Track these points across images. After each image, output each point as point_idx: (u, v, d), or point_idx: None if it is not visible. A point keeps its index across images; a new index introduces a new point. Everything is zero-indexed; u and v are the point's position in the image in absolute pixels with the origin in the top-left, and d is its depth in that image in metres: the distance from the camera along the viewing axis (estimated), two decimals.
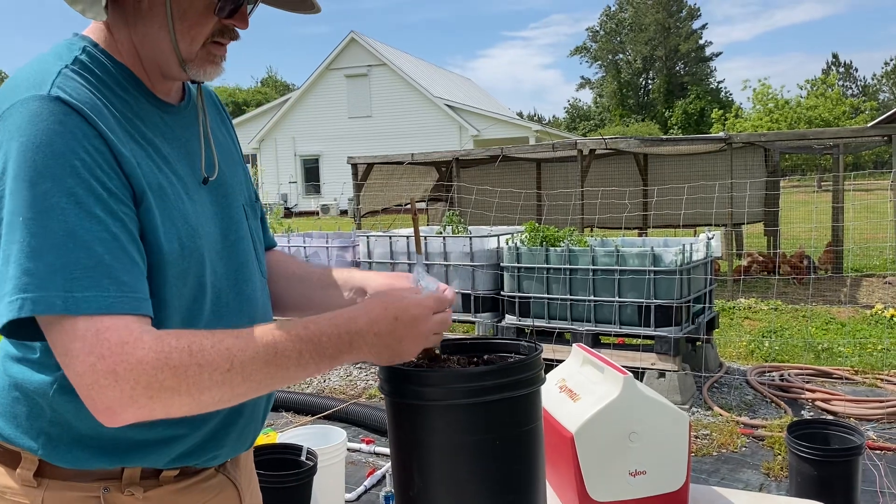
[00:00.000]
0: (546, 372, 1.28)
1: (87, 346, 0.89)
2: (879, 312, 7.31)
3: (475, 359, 1.25)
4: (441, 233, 5.89)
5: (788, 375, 5.26)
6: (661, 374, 4.72)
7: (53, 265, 0.90)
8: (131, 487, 1.06)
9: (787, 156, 15.74)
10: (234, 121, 33.44)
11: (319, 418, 4.57)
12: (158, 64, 1.08)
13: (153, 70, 1.09)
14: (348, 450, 3.75)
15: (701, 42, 62.72)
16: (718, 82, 63.99)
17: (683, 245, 4.80)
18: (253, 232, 1.24)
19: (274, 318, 1.21)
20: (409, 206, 1.30)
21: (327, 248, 6.31)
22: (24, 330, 0.94)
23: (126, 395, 0.90)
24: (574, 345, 1.76)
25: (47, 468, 1.05)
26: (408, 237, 5.86)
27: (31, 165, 0.91)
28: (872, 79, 68.52)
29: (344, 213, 24.43)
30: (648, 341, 4.82)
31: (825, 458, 3.04)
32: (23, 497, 1.05)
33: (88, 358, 0.89)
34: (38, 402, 1.05)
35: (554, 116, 78.60)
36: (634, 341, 5.04)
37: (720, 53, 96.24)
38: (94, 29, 1.08)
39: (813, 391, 4.89)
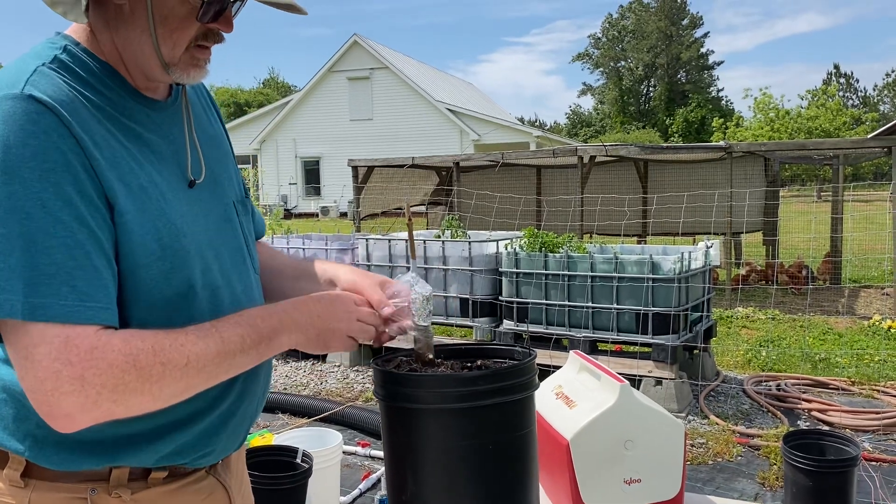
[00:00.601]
0: (543, 378, 1.28)
1: (53, 352, 0.89)
2: (877, 323, 7.31)
3: (469, 364, 1.25)
4: (440, 237, 5.89)
5: (785, 385, 5.26)
6: (658, 381, 4.71)
7: (14, 269, 0.89)
8: (119, 489, 1.06)
9: (786, 166, 15.76)
10: (236, 121, 33.54)
11: (315, 421, 4.56)
12: (141, 66, 1.06)
13: (136, 70, 1.08)
14: (344, 453, 3.74)
15: (703, 51, 62.87)
16: (719, 91, 64.03)
17: (682, 253, 4.80)
18: (244, 228, 1.24)
19: None
20: (406, 212, 1.28)
21: (326, 250, 6.32)
22: None
23: (90, 400, 0.90)
24: (571, 351, 1.76)
25: (34, 469, 1.04)
26: (406, 241, 5.86)
27: (1, 167, 0.90)
28: (873, 90, 68.65)
29: (343, 215, 24.43)
30: (646, 349, 4.82)
31: (820, 468, 3.04)
32: (9, 498, 1.04)
33: (53, 364, 0.89)
34: (25, 405, 1.03)
35: (555, 122, 78.74)
36: (632, 348, 5.04)
37: (722, 62, 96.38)
38: (76, 29, 1.07)
39: (809, 401, 4.89)
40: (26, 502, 1.03)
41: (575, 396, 1.58)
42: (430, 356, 1.22)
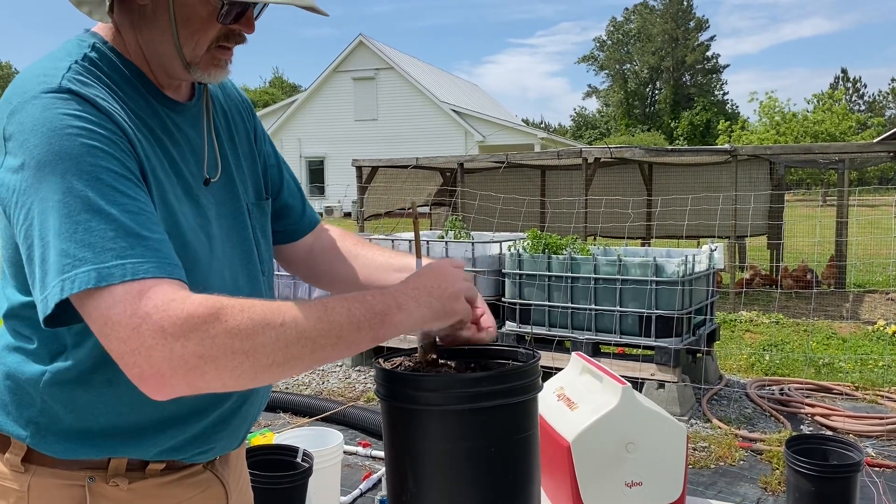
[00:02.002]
0: (545, 380, 1.27)
1: (129, 308, 0.86)
2: (881, 329, 7.29)
3: (472, 364, 1.24)
4: (443, 237, 5.89)
5: (788, 390, 5.24)
6: (661, 384, 4.70)
7: (82, 242, 0.88)
8: (116, 478, 1.07)
9: (792, 169, 15.73)
10: None
11: (317, 420, 4.56)
12: (164, 65, 1.08)
13: (159, 70, 1.09)
14: (345, 452, 3.74)
15: (708, 54, 62.78)
16: (724, 94, 63.88)
17: (686, 256, 4.79)
18: (257, 232, 1.24)
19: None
20: (412, 210, 1.29)
21: None
22: (69, 314, 0.91)
23: (177, 354, 0.84)
24: (573, 353, 1.76)
25: (35, 455, 1.06)
26: (410, 241, 5.85)
27: (50, 150, 0.91)
28: (879, 95, 68.45)
29: (347, 215, 24.44)
30: (648, 352, 4.81)
31: (823, 473, 3.02)
32: (11, 482, 1.06)
33: (132, 320, 0.85)
34: (29, 392, 1.06)
35: (560, 124, 78.71)
36: (634, 351, 5.03)
37: (728, 66, 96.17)
38: (103, 27, 1.08)
39: (812, 406, 4.87)
40: (26, 487, 1.05)
41: (577, 398, 1.57)
42: (433, 356, 1.21)
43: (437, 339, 1.19)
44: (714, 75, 63.63)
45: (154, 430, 1.07)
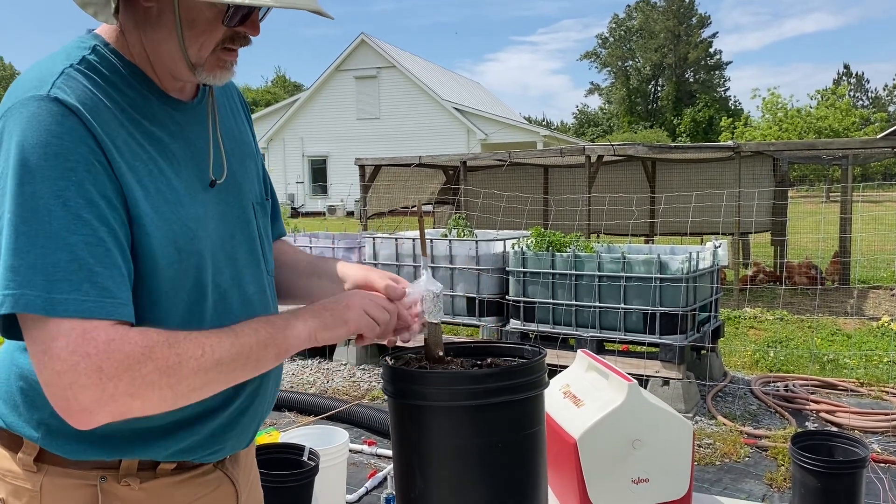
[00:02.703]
0: (550, 377, 1.27)
1: (70, 345, 0.90)
2: (886, 325, 7.27)
3: (478, 362, 1.25)
4: (447, 236, 5.89)
5: (793, 386, 5.24)
6: (666, 381, 4.70)
7: (35, 265, 0.91)
8: (128, 478, 1.08)
9: (795, 166, 15.69)
10: None
11: (322, 419, 4.57)
12: (168, 67, 1.08)
13: (164, 71, 1.10)
14: (350, 451, 3.75)
15: (711, 50, 62.64)
16: (727, 91, 63.77)
17: (690, 253, 4.79)
18: (261, 231, 1.25)
19: None
20: (415, 209, 1.29)
21: (333, 248, 6.33)
22: (15, 326, 0.95)
23: (107, 393, 0.91)
24: (579, 350, 1.76)
25: (47, 455, 1.07)
26: (413, 239, 5.85)
27: (25, 166, 0.93)
28: (883, 90, 68.24)
29: (350, 214, 24.45)
30: (653, 349, 4.81)
31: (829, 470, 3.02)
32: (24, 481, 1.07)
33: (71, 357, 0.90)
34: (40, 393, 1.05)
35: (562, 122, 78.57)
36: (639, 348, 5.02)
37: (730, 62, 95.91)
38: (106, 28, 1.09)
39: (818, 402, 4.86)
40: (39, 486, 1.06)
41: (583, 395, 1.58)
42: (440, 353, 1.22)
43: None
44: (716, 72, 63.50)
45: (164, 433, 1.09)
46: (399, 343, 1.18)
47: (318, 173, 31.91)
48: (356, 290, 1.19)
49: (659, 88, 64.86)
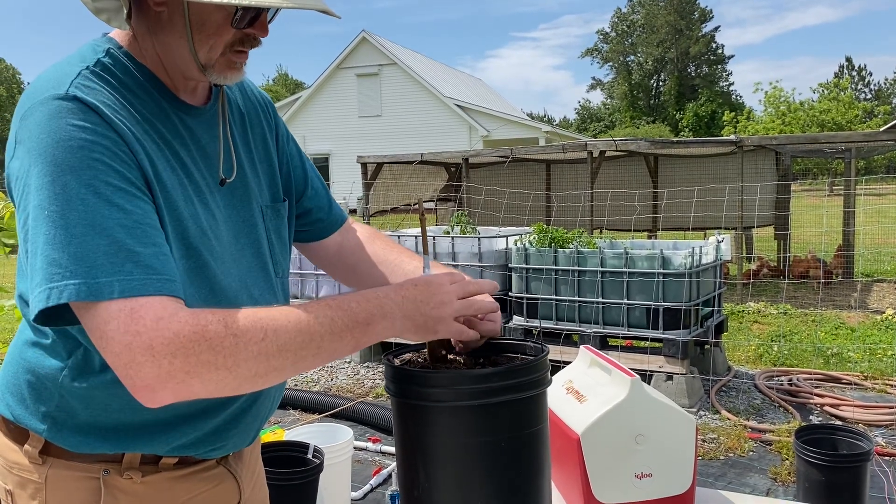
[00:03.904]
0: (553, 373, 1.28)
1: (122, 326, 0.90)
2: (890, 318, 7.26)
3: (481, 360, 1.25)
4: (449, 233, 5.89)
5: (797, 380, 5.24)
6: (669, 376, 4.70)
7: (77, 254, 0.92)
8: (130, 471, 1.10)
9: (798, 159, 15.66)
10: None
11: (326, 416, 4.58)
12: (180, 68, 1.10)
13: (176, 73, 1.11)
14: (355, 448, 3.76)
15: (713, 45, 62.49)
16: (729, 85, 63.60)
17: (693, 248, 4.78)
18: (271, 234, 1.25)
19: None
20: (418, 206, 1.30)
21: None
22: (60, 317, 0.96)
23: (164, 370, 0.90)
24: (581, 346, 1.76)
25: (52, 447, 1.09)
26: (416, 237, 5.86)
27: (52, 160, 0.94)
28: (885, 83, 68.00)
29: (353, 212, 24.41)
30: (656, 344, 4.81)
31: (833, 463, 3.02)
32: (30, 473, 1.10)
33: (124, 337, 0.90)
34: (47, 387, 1.09)
35: (564, 118, 78.40)
36: (642, 344, 5.03)
37: (732, 56, 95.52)
38: (120, 32, 1.11)
39: (822, 396, 4.86)
40: (44, 478, 1.09)
41: (585, 391, 1.58)
42: (442, 352, 1.22)
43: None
44: (718, 66, 63.35)
45: (166, 428, 1.10)
46: (399, 339, 1.18)
47: (321, 171, 31.28)
48: (449, 284, 1.08)
49: (661, 83, 64.74)
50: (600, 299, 4.87)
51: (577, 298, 4.97)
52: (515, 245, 5.30)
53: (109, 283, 0.91)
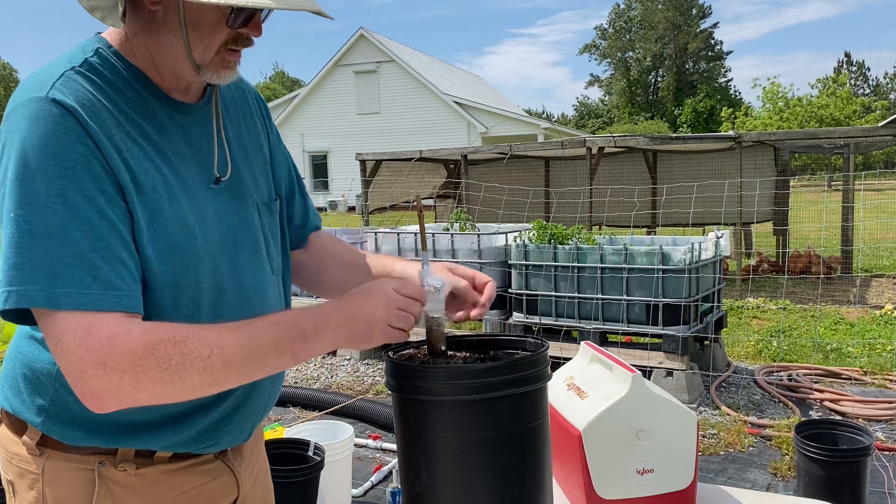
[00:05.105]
0: (553, 370, 1.28)
1: (77, 339, 0.95)
2: (889, 313, 7.27)
3: (482, 355, 1.25)
4: (449, 230, 5.89)
5: (797, 375, 5.24)
6: (669, 372, 4.71)
7: (38, 261, 0.95)
8: (124, 464, 1.12)
9: (796, 155, 15.66)
10: None
11: (327, 414, 4.58)
12: (174, 68, 1.11)
13: (168, 73, 1.12)
14: (355, 445, 3.76)
15: (711, 40, 62.44)
16: (728, 81, 63.50)
17: (692, 244, 4.78)
18: (266, 230, 1.26)
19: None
20: (417, 204, 1.31)
21: None
22: (25, 317, 1.00)
23: (113, 384, 0.95)
24: (582, 342, 1.76)
25: (49, 440, 1.12)
26: (415, 234, 5.86)
27: (25, 165, 0.97)
28: (884, 78, 68.01)
29: (352, 209, 24.41)
30: (656, 340, 4.81)
31: (833, 458, 3.03)
32: (28, 464, 1.13)
33: (78, 350, 0.95)
34: (42, 381, 1.11)
35: (562, 114, 78.38)
36: (642, 340, 5.03)
37: (730, 52, 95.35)
38: (112, 31, 1.12)
39: (821, 391, 4.87)
40: (41, 469, 1.12)
41: (586, 387, 1.58)
42: (443, 347, 1.22)
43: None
44: (717, 62, 63.32)
45: (158, 427, 1.12)
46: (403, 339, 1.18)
47: (319, 169, 31.89)
48: (383, 290, 1.11)
49: (659, 79, 64.70)
50: (600, 295, 4.87)
51: (576, 295, 4.97)
52: (515, 241, 5.30)
53: (67, 294, 0.95)
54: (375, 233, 6.10)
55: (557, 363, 1.70)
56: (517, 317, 5.29)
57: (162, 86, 1.13)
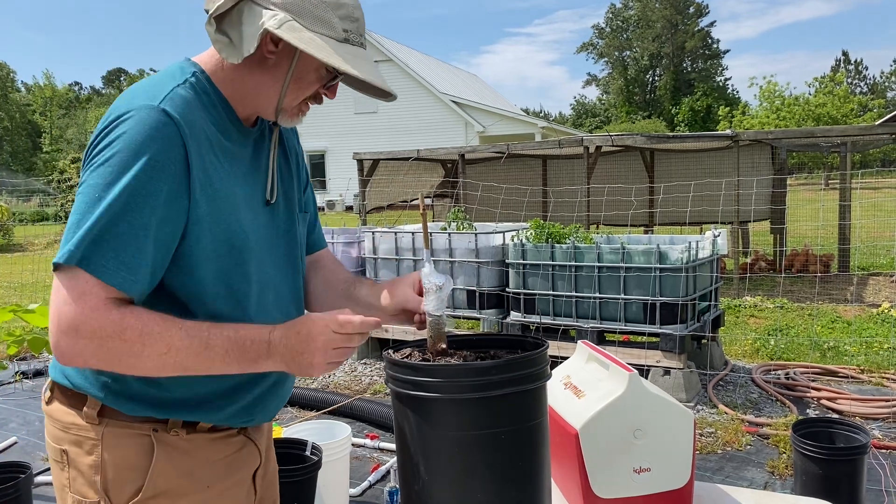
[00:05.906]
0: (551, 369, 1.28)
1: (70, 296, 1.11)
2: (886, 311, 7.28)
3: (481, 354, 1.25)
4: (446, 229, 5.89)
5: (794, 374, 5.25)
6: (667, 371, 4.71)
7: (91, 229, 1.11)
8: (176, 429, 1.28)
9: (794, 154, 15.68)
10: None
11: (324, 413, 4.58)
12: (256, 104, 1.30)
13: (248, 105, 1.30)
14: (353, 445, 3.76)
15: (708, 39, 62.47)
16: (725, 80, 63.56)
17: (689, 242, 4.79)
18: (300, 239, 1.46)
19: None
20: (414, 202, 1.34)
21: (332, 243, 6.31)
22: None
23: (78, 347, 1.12)
24: (579, 341, 1.76)
25: (108, 409, 1.26)
26: (413, 233, 5.85)
27: (127, 159, 1.14)
28: (881, 76, 68.04)
29: (349, 208, 24.40)
30: (654, 339, 4.82)
31: (830, 456, 3.03)
32: (87, 432, 1.26)
33: (65, 306, 1.11)
34: None
35: (560, 113, 78.38)
36: (639, 339, 5.03)
37: (728, 51, 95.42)
38: (204, 58, 1.30)
39: (818, 390, 4.88)
40: (100, 436, 1.26)
41: (584, 386, 1.58)
42: (443, 346, 1.22)
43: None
44: (714, 61, 63.36)
45: (208, 402, 1.28)
46: (401, 335, 1.19)
47: (317, 168, 31.85)
48: (323, 335, 1.20)
49: (657, 78, 64.72)
50: (597, 294, 4.88)
51: (574, 294, 4.97)
52: (512, 241, 5.30)
53: (90, 258, 1.11)
54: (373, 232, 6.10)
55: (555, 362, 1.70)
56: (515, 316, 5.29)
57: (237, 112, 1.30)
